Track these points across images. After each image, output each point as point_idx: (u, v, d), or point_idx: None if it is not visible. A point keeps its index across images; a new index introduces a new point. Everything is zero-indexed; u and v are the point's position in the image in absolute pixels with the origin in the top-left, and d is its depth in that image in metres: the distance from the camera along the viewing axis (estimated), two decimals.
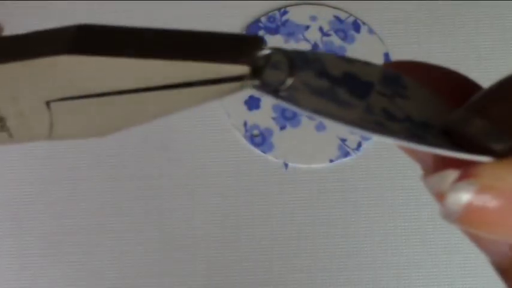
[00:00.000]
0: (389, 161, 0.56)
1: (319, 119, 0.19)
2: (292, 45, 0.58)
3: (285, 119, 0.57)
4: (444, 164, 0.18)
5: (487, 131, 0.18)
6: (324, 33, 0.58)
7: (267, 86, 0.20)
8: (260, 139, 0.56)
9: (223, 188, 0.56)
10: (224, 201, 0.56)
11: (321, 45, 0.58)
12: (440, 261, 0.54)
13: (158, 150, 0.56)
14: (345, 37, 0.58)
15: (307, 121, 0.56)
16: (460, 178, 0.17)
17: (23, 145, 0.56)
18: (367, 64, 0.21)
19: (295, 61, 0.20)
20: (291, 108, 0.19)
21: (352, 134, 0.56)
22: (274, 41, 0.58)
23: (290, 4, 0.59)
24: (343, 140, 0.56)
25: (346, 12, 0.59)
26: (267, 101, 0.56)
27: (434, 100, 0.21)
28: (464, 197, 0.17)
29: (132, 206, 0.56)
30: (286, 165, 0.56)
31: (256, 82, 0.20)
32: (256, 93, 0.23)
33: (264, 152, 0.56)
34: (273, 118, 0.56)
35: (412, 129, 0.20)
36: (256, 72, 0.20)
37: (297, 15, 0.59)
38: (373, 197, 0.55)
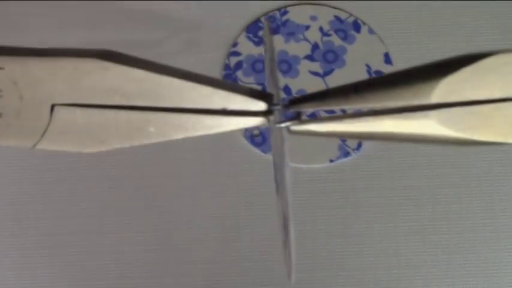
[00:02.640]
0: (389, 161, 0.56)
1: None
2: (292, 45, 0.58)
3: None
4: None
5: None
6: (324, 33, 0.58)
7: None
8: (260, 139, 0.56)
9: (223, 188, 0.56)
10: (224, 201, 0.56)
11: (321, 45, 0.58)
12: (440, 262, 0.54)
13: (158, 151, 0.56)
14: (345, 37, 0.58)
15: None
16: None
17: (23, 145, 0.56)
18: None
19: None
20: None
21: None
22: (274, 41, 0.58)
23: (290, 4, 0.59)
24: (343, 140, 0.56)
25: (346, 12, 0.59)
26: None
27: None
28: None
29: (132, 206, 0.56)
30: None
31: (271, 118, 0.23)
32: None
33: (264, 152, 0.56)
34: None
35: None
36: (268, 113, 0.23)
37: (297, 15, 0.59)
38: (373, 197, 0.55)
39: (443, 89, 0.22)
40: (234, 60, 0.58)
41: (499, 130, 0.23)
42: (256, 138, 0.56)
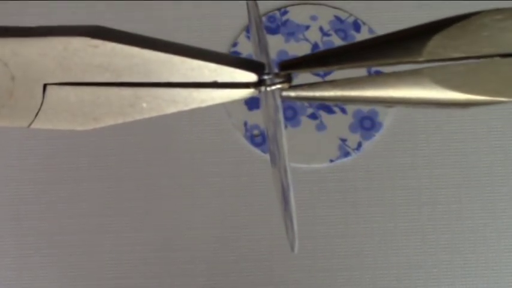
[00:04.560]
0: (389, 161, 0.56)
1: None
2: (292, 45, 0.58)
3: (285, 119, 0.56)
4: None
5: None
6: (324, 33, 0.58)
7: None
8: (260, 139, 0.56)
9: (223, 188, 0.56)
10: (224, 201, 0.55)
11: (321, 45, 0.58)
12: (440, 262, 0.54)
13: (158, 150, 0.56)
14: (345, 37, 0.58)
15: (308, 121, 0.56)
16: None
17: (23, 145, 0.56)
18: None
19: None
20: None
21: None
22: (274, 41, 0.58)
23: (290, 4, 0.59)
24: (343, 140, 0.56)
25: (346, 12, 0.59)
26: None
27: None
28: None
29: (132, 206, 0.56)
30: None
31: (263, 89, 0.23)
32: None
33: (264, 152, 0.56)
34: None
35: None
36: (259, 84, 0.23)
37: (297, 15, 0.59)
38: (373, 197, 0.55)
39: (435, 45, 0.22)
40: None
41: (495, 87, 0.22)
42: (256, 138, 0.56)
